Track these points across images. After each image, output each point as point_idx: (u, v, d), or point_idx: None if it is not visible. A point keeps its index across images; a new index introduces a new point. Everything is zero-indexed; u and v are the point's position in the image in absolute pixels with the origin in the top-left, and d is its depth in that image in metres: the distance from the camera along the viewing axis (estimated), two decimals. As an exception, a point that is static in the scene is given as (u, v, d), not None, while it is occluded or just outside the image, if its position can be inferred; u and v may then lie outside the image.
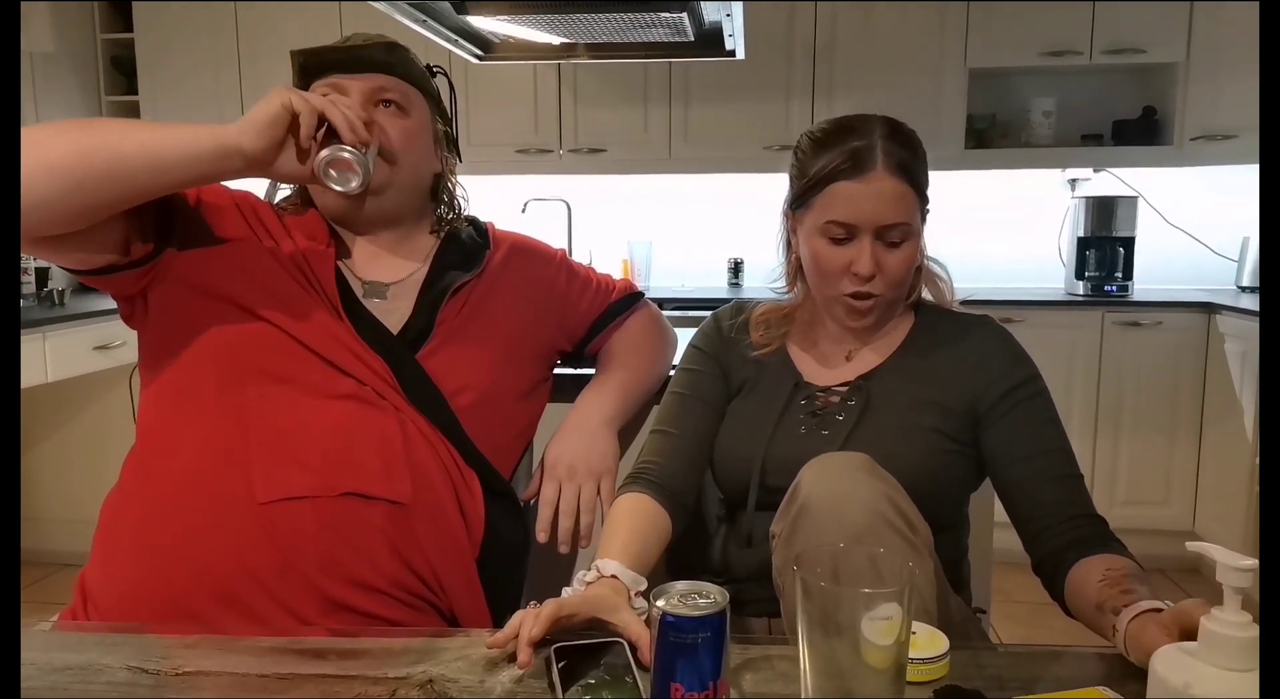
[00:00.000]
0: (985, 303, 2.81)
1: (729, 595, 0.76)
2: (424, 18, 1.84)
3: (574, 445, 1.25)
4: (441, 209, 1.32)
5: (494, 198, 3.63)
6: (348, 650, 0.90)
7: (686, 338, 1.32)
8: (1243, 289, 3.43)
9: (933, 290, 1.25)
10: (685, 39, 2.02)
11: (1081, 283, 3.39)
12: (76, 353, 2.92)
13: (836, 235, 1.12)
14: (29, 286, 3.31)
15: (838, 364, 1.22)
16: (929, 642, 0.84)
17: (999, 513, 1.20)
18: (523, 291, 1.31)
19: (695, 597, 0.76)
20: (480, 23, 1.91)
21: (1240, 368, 2.99)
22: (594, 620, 0.91)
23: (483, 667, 0.86)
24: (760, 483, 1.15)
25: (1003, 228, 3.70)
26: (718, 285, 3.81)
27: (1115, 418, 3.21)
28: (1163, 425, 3.19)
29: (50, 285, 3.30)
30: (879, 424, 1.14)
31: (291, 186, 1.28)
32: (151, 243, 1.14)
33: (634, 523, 1.11)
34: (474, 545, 1.17)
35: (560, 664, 0.83)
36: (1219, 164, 3.41)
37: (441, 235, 1.30)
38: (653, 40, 2.06)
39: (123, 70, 3.79)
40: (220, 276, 1.15)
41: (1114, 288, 3.35)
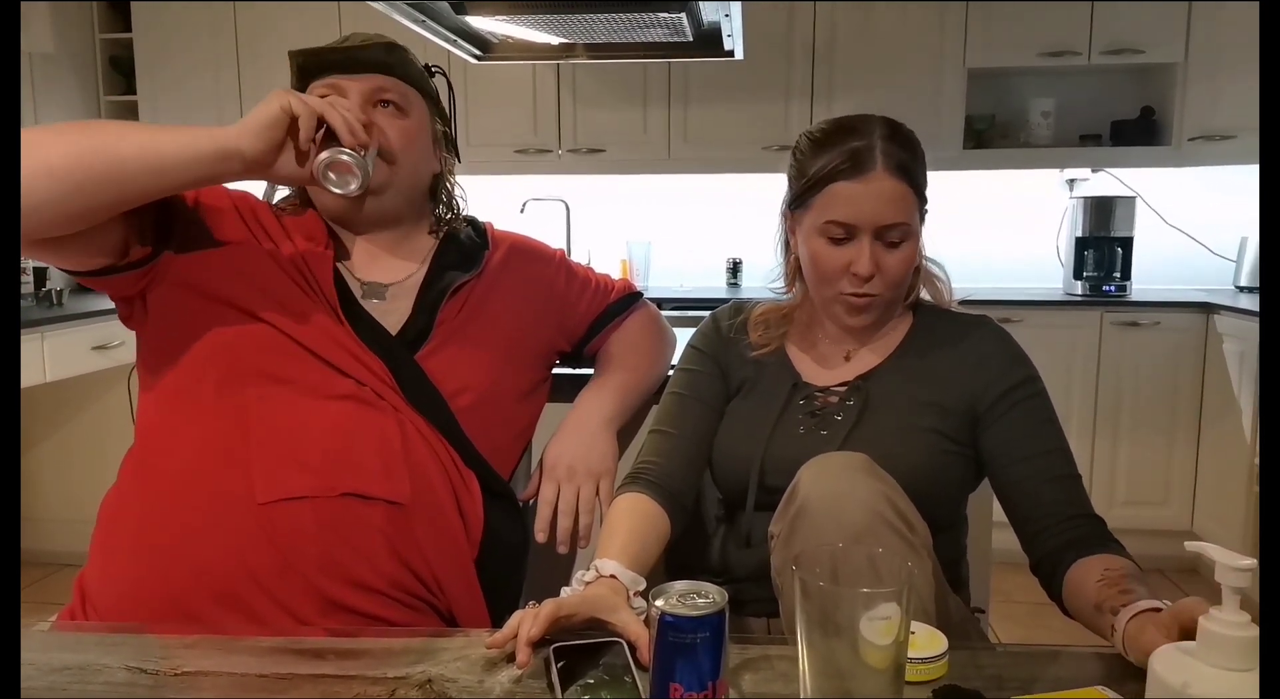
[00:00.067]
0: (984, 303, 2.82)
1: (728, 595, 0.76)
2: (423, 18, 1.84)
3: (573, 446, 1.25)
4: (440, 209, 1.32)
5: (493, 198, 3.63)
6: (347, 650, 0.90)
7: (685, 338, 1.32)
8: (1241, 289, 3.43)
9: (931, 291, 1.25)
10: (684, 39, 2.02)
11: (1080, 283, 3.40)
12: (75, 353, 2.92)
13: (835, 235, 1.12)
14: (27, 286, 3.31)
15: (836, 364, 1.22)
16: (928, 641, 0.84)
17: (998, 513, 1.20)
18: (522, 292, 1.31)
19: (694, 597, 0.76)
20: (479, 23, 1.91)
21: (1239, 368, 2.99)
22: (593, 620, 0.91)
23: (482, 667, 0.86)
24: (759, 483, 1.15)
25: (1001, 228, 3.71)
26: (716, 285, 3.81)
27: (1114, 418, 3.21)
28: (1161, 425, 3.20)
29: (49, 285, 3.30)
30: (878, 424, 1.14)
31: (289, 186, 1.28)
32: (150, 245, 1.14)
33: (633, 523, 1.11)
34: (473, 546, 1.17)
35: (559, 664, 0.84)
36: (1217, 164, 3.41)
37: (440, 236, 1.30)
38: (652, 40, 2.06)
39: (122, 70, 3.79)
40: (219, 278, 1.15)
41: (1112, 288, 3.35)
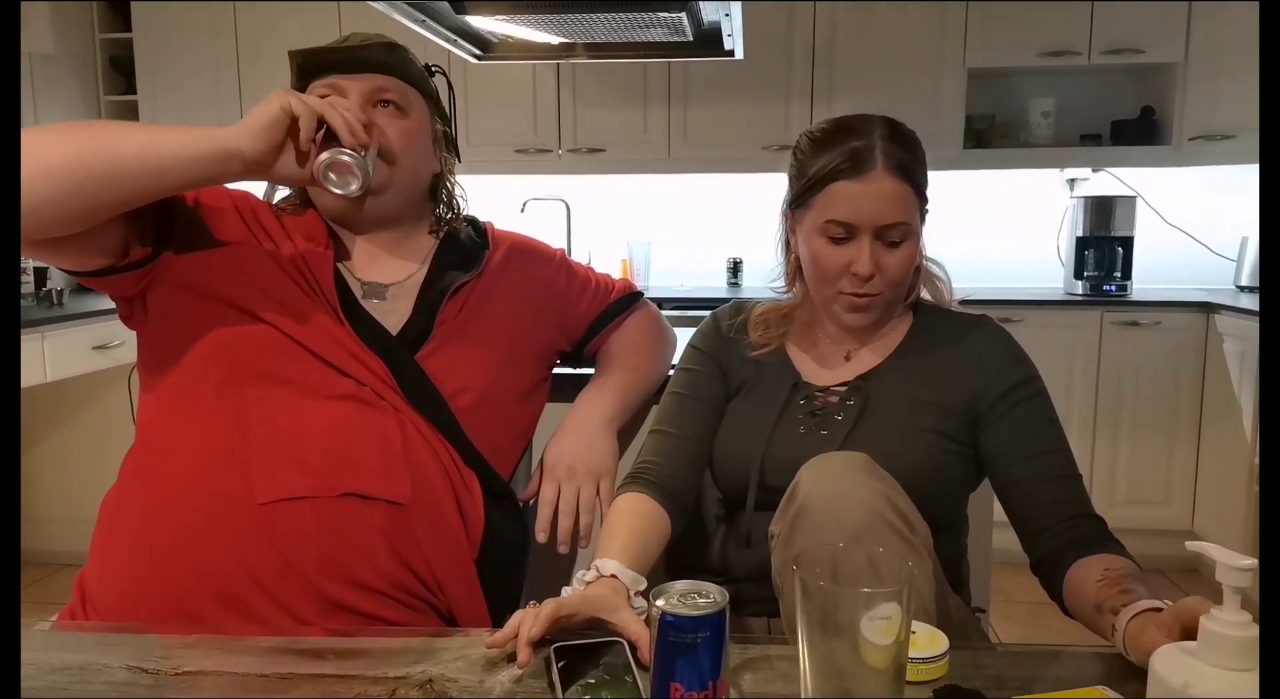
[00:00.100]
0: (984, 303, 2.82)
1: (728, 595, 0.76)
2: (423, 17, 1.84)
3: (573, 446, 1.25)
4: (440, 209, 1.32)
5: (493, 198, 3.63)
6: (347, 650, 0.90)
7: (685, 338, 1.32)
8: (1241, 289, 3.43)
9: (931, 291, 1.25)
10: (684, 39, 2.02)
11: (1080, 283, 3.40)
12: (75, 353, 2.92)
13: (836, 235, 1.12)
14: (28, 286, 3.31)
15: (836, 364, 1.22)
16: (928, 641, 0.84)
17: (998, 513, 1.20)
18: (522, 292, 1.31)
19: (695, 596, 0.76)
20: (479, 22, 1.91)
21: (1239, 367, 2.99)
22: (593, 620, 0.91)
23: (482, 666, 0.86)
24: (759, 483, 1.15)
25: (1002, 228, 3.71)
26: (717, 285, 3.81)
27: (1114, 418, 3.21)
28: (1162, 425, 3.20)
29: (49, 285, 3.30)
30: (878, 424, 1.14)
31: (290, 187, 1.28)
32: (150, 245, 1.14)
33: (633, 523, 1.11)
34: (473, 546, 1.17)
35: (560, 664, 0.84)
36: (1217, 164, 3.41)
37: (440, 236, 1.30)
38: (652, 40, 2.07)
39: (122, 70, 3.79)
40: (219, 279, 1.15)
41: (1113, 287, 3.35)
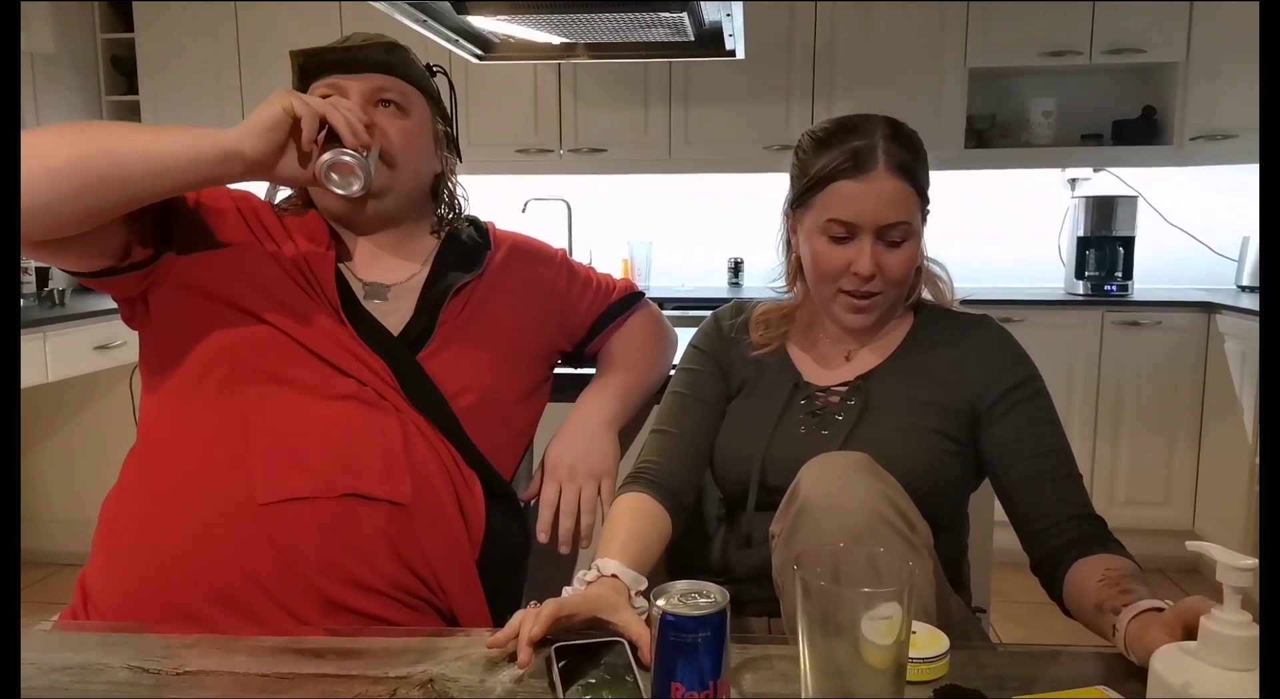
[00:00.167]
0: (985, 302, 2.81)
1: (729, 595, 0.76)
2: (424, 17, 1.84)
3: (574, 446, 1.25)
4: (442, 209, 1.32)
5: (494, 198, 3.63)
6: (348, 650, 0.90)
7: (686, 338, 1.32)
8: (1242, 289, 3.43)
9: (932, 290, 1.25)
10: (685, 39, 2.02)
11: (1081, 282, 3.39)
12: (77, 353, 2.92)
13: (837, 234, 1.12)
14: (29, 286, 3.31)
15: (837, 364, 1.22)
16: (929, 641, 0.84)
17: (998, 513, 1.20)
18: (523, 292, 1.31)
19: (695, 596, 0.76)
20: (480, 22, 1.91)
21: (1240, 367, 2.99)
22: (594, 620, 0.91)
23: (483, 666, 0.86)
24: (760, 483, 1.15)
25: (1003, 228, 3.70)
26: (718, 285, 3.81)
27: (1115, 418, 3.21)
28: (1162, 425, 3.19)
29: (50, 285, 3.30)
30: (878, 424, 1.14)
31: (292, 188, 1.28)
32: (151, 246, 1.14)
33: (634, 522, 1.11)
34: (474, 546, 1.17)
35: (560, 664, 0.84)
36: (1218, 164, 3.41)
37: (442, 236, 1.30)
38: (653, 40, 2.07)
39: (123, 70, 3.79)
40: (221, 279, 1.15)
41: (1114, 287, 3.35)
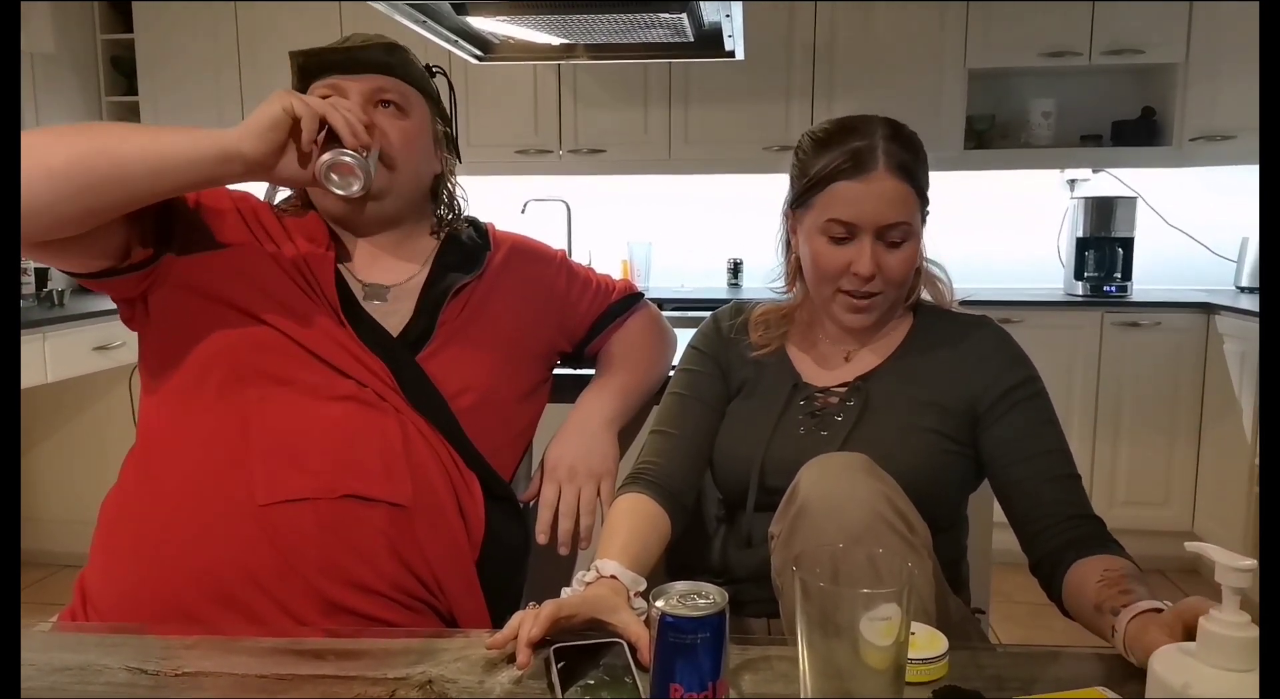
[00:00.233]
0: (984, 303, 2.81)
1: (728, 596, 0.76)
2: (424, 18, 1.84)
3: (574, 447, 1.25)
4: (441, 210, 1.32)
5: (493, 198, 3.63)
6: (347, 651, 0.90)
7: (686, 338, 1.32)
8: (1241, 289, 3.43)
9: (932, 291, 1.25)
10: (685, 39, 2.02)
11: (1080, 283, 3.40)
12: (76, 353, 2.92)
13: (837, 234, 1.12)
14: (28, 287, 3.31)
15: (837, 365, 1.22)
16: (928, 642, 0.84)
17: (998, 514, 1.20)
18: (523, 292, 1.31)
19: (694, 597, 0.76)
20: (480, 23, 1.92)
21: (1239, 368, 2.99)
22: (593, 621, 0.91)
23: (482, 667, 0.86)
24: (759, 484, 1.15)
25: (1002, 228, 3.71)
26: (717, 286, 3.81)
27: (1114, 418, 3.21)
28: (1162, 426, 3.20)
29: (50, 286, 3.30)
30: (878, 425, 1.14)
31: (291, 188, 1.28)
32: (151, 247, 1.14)
33: (633, 523, 1.11)
34: (474, 547, 1.17)
35: (559, 665, 0.84)
36: (1218, 164, 3.41)
37: (442, 237, 1.30)
38: (652, 41, 2.07)
39: (123, 71, 3.79)
40: (220, 280, 1.15)
41: (1113, 288, 3.35)
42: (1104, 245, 3.37)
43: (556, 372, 1.38)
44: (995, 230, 3.70)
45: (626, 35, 2.00)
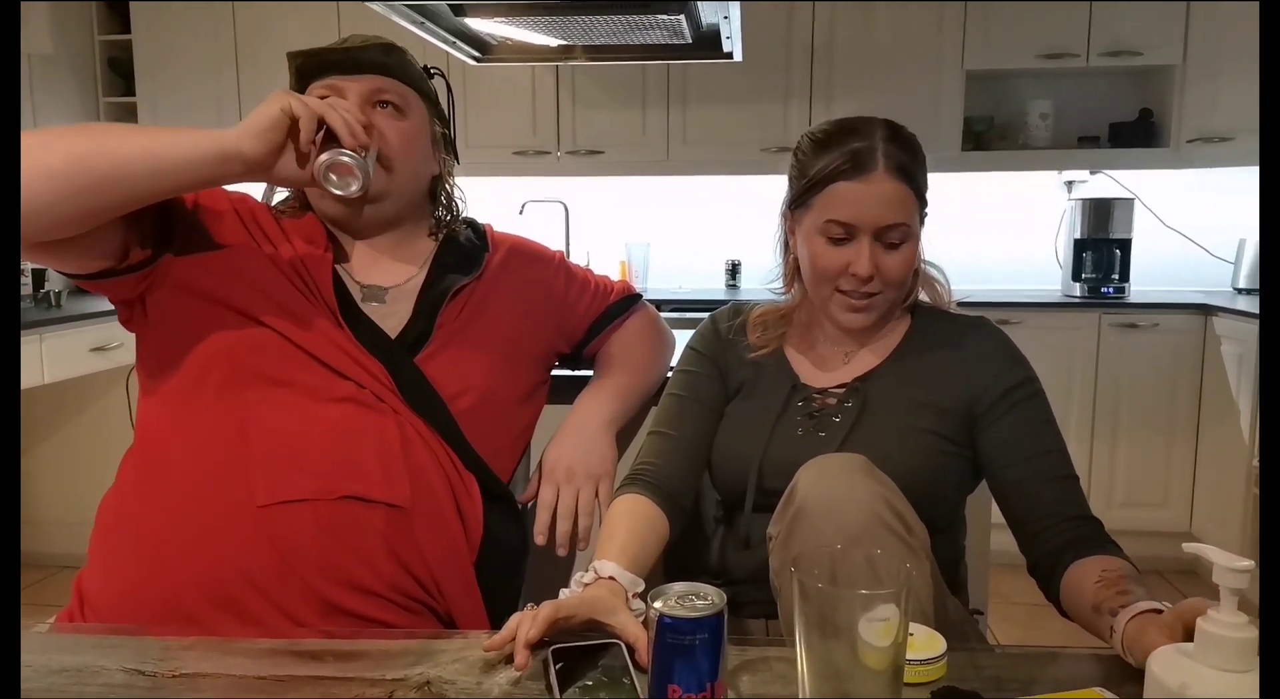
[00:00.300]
0: (982, 305, 2.82)
1: (726, 597, 0.76)
2: (422, 19, 1.84)
3: (572, 448, 1.25)
4: (439, 211, 1.32)
5: (491, 199, 3.63)
6: (345, 652, 0.90)
7: (684, 339, 1.32)
8: (1239, 291, 3.44)
9: (929, 293, 1.25)
10: (683, 41, 2.02)
11: (1078, 285, 3.40)
12: (74, 354, 2.92)
13: (836, 235, 1.13)
14: (26, 288, 3.30)
15: (835, 366, 1.22)
16: (926, 643, 0.84)
17: (996, 515, 1.20)
18: (521, 294, 1.31)
19: (693, 598, 0.76)
20: (478, 25, 1.92)
21: (1237, 369, 2.99)
22: (592, 622, 0.91)
23: (480, 668, 0.86)
24: (757, 485, 1.15)
25: (1000, 230, 3.71)
26: (715, 287, 3.81)
27: (1112, 420, 3.22)
28: (1160, 427, 3.20)
29: (47, 287, 3.30)
30: (876, 426, 1.14)
31: (289, 189, 1.28)
32: (149, 248, 1.14)
33: (632, 524, 1.11)
34: (472, 549, 1.17)
35: (558, 666, 0.84)
36: (1215, 166, 3.42)
37: (440, 238, 1.30)
38: (650, 42, 2.07)
39: (121, 72, 3.79)
40: (218, 282, 1.15)
41: (1111, 290, 3.36)
42: (1101, 247, 3.38)
43: (555, 373, 1.38)
44: (993, 232, 3.70)
45: (624, 37, 2.00)
